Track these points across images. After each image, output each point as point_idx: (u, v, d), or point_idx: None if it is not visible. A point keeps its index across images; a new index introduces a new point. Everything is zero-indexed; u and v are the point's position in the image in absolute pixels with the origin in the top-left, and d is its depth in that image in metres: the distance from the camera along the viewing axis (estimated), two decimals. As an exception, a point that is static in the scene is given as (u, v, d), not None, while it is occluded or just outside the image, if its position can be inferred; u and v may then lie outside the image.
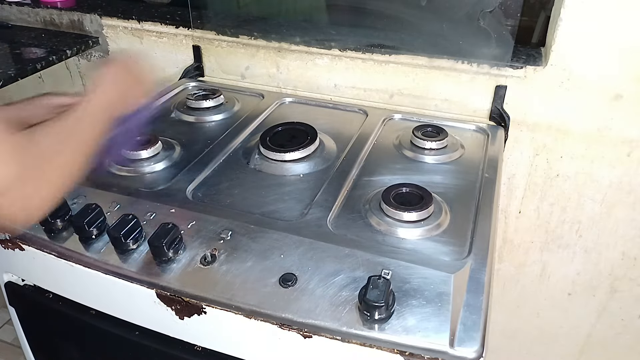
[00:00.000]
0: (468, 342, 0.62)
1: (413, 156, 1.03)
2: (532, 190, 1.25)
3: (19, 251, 0.84)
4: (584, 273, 1.33)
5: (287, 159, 0.97)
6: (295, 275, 0.71)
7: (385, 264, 0.72)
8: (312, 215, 0.83)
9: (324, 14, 1.55)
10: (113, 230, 0.75)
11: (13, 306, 0.93)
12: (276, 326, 0.68)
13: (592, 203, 1.22)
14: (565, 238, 1.29)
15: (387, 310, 0.65)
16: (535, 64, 1.10)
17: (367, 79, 1.25)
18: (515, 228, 1.33)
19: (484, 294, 0.68)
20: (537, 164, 1.21)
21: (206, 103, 1.19)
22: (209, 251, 0.75)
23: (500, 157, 1.03)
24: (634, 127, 1.09)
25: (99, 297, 0.82)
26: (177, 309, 0.74)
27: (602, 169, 1.16)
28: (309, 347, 0.67)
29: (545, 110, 1.13)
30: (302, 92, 1.32)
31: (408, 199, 0.85)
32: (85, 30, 1.49)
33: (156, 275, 0.74)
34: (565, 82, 1.09)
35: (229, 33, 1.32)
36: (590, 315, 1.39)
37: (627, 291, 1.32)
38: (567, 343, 1.47)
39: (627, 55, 1.02)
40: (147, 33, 1.41)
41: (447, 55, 1.15)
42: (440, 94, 1.20)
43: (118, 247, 0.77)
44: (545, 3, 2.21)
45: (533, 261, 1.36)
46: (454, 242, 0.79)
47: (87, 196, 0.87)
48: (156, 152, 0.99)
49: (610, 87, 1.06)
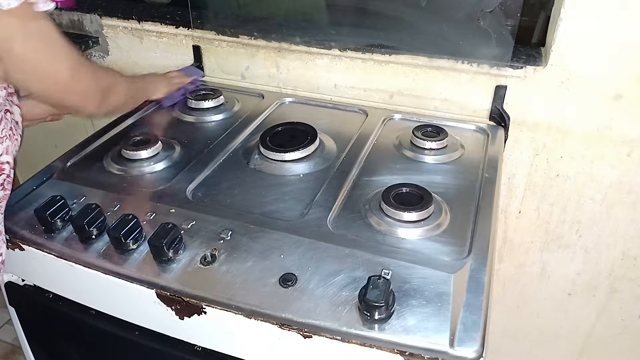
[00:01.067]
0: (468, 342, 0.62)
1: (413, 156, 1.03)
2: (532, 190, 1.25)
3: (19, 251, 0.84)
4: (584, 273, 1.33)
5: (287, 159, 0.97)
6: (295, 275, 0.71)
7: (385, 264, 0.73)
8: (312, 215, 0.83)
9: (324, 14, 1.55)
10: (113, 230, 0.76)
11: (13, 306, 0.93)
12: (276, 326, 0.68)
13: (592, 203, 1.22)
14: (565, 238, 1.29)
15: (387, 310, 0.65)
16: (535, 64, 1.10)
17: (367, 79, 1.25)
18: (515, 228, 1.33)
19: (484, 294, 0.68)
20: (537, 164, 1.21)
21: (206, 103, 1.19)
22: (209, 251, 0.75)
23: (500, 157, 1.03)
24: (634, 127, 1.09)
25: (99, 297, 0.82)
26: (177, 309, 0.74)
27: (602, 169, 1.16)
28: (309, 347, 0.67)
29: (545, 110, 1.13)
30: (302, 92, 1.32)
31: (408, 199, 0.85)
32: (85, 30, 1.49)
33: (156, 275, 0.74)
34: (565, 82, 1.08)
35: (229, 33, 1.32)
36: (590, 315, 1.39)
37: (627, 291, 1.32)
38: (567, 343, 1.47)
39: (627, 55, 1.02)
40: (147, 33, 1.41)
41: (447, 55, 1.15)
42: (440, 94, 1.20)
43: (118, 247, 0.77)
44: (545, 3, 2.20)
45: (533, 261, 1.36)
46: (454, 242, 0.79)
47: (87, 196, 0.87)
48: (156, 152, 0.99)
49: (610, 87, 1.06)
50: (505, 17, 1.09)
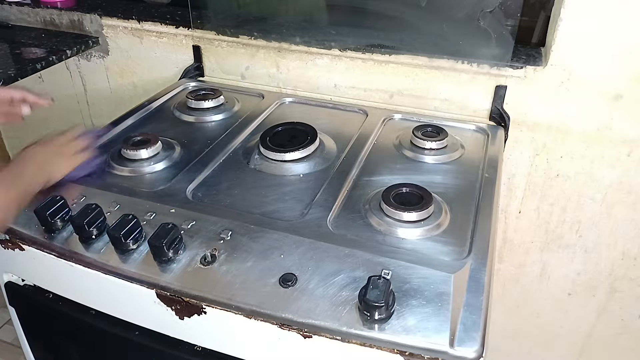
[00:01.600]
0: (468, 342, 0.62)
1: (413, 156, 1.03)
2: (532, 190, 1.25)
3: (19, 251, 0.84)
4: (584, 273, 1.33)
5: (287, 159, 0.97)
6: (295, 275, 0.71)
7: (385, 264, 0.72)
8: (312, 215, 0.83)
9: (324, 14, 1.55)
10: (113, 230, 0.75)
11: (13, 306, 0.93)
12: (276, 326, 0.68)
13: (592, 203, 1.22)
14: (565, 238, 1.29)
15: (387, 310, 0.65)
16: (535, 64, 1.10)
17: (367, 79, 1.25)
18: (515, 228, 1.33)
19: (484, 294, 0.68)
20: (537, 164, 1.21)
21: (206, 103, 1.19)
22: (209, 251, 0.75)
23: (500, 157, 1.03)
24: (634, 127, 1.09)
25: (99, 297, 0.82)
26: (177, 309, 0.73)
27: (602, 169, 1.16)
28: (309, 347, 0.67)
29: (545, 110, 1.13)
30: (302, 92, 1.32)
31: (408, 199, 0.85)
32: (85, 30, 1.49)
33: (156, 276, 0.74)
34: (565, 82, 1.09)
35: (229, 33, 1.32)
36: (590, 315, 1.39)
37: (627, 291, 1.32)
38: (567, 343, 1.47)
39: (627, 55, 1.02)
40: (147, 33, 1.41)
41: (447, 55, 1.15)
42: (440, 94, 1.20)
43: (118, 247, 0.77)
44: (545, 3, 2.21)
45: (533, 261, 1.36)
46: (454, 242, 0.79)
47: (87, 196, 0.87)
48: (156, 152, 0.99)
49: (610, 87, 1.06)
50: (505, 17, 1.09)
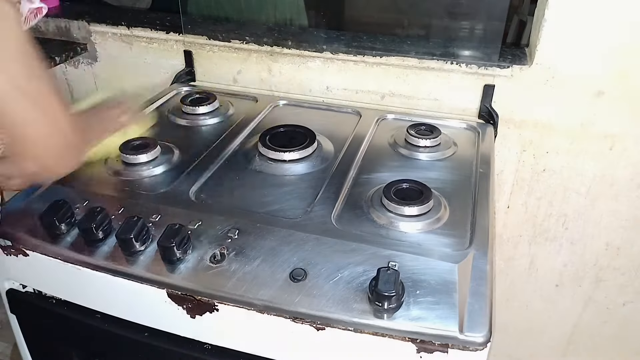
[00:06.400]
0: (476, 327, 0.65)
1: (408, 154, 1.05)
2: (519, 186, 1.30)
3: (22, 257, 0.83)
4: (570, 264, 1.38)
5: (287, 159, 0.99)
6: (304, 270, 0.73)
7: (391, 257, 0.75)
8: (316, 212, 0.85)
9: (304, 18, 1.57)
10: (121, 233, 0.76)
11: (14, 314, 0.92)
12: (289, 320, 0.69)
13: (577, 196, 1.27)
14: (552, 231, 1.34)
15: (398, 300, 0.67)
16: (521, 64, 1.14)
17: (358, 80, 1.27)
18: (504, 223, 1.37)
19: (488, 282, 0.71)
20: (524, 160, 1.25)
21: (201, 108, 1.19)
22: (218, 250, 0.76)
23: (492, 153, 1.06)
24: (615, 122, 1.14)
25: (107, 300, 0.82)
26: (188, 308, 0.74)
27: (586, 163, 1.21)
28: (322, 339, 0.69)
29: (531, 107, 1.18)
30: (295, 95, 1.33)
31: (408, 194, 0.87)
32: (73, 37, 1.47)
33: (166, 275, 0.74)
34: (550, 80, 1.13)
35: (221, 37, 1.33)
36: (577, 305, 1.44)
37: (611, 280, 1.37)
38: (556, 333, 1.52)
39: (609, 54, 1.07)
40: (137, 39, 1.41)
41: (436, 57, 1.18)
42: (431, 94, 1.24)
43: (126, 249, 0.77)
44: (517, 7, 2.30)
45: (521, 255, 1.41)
46: (455, 234, 0.81)
47: (90, 200, 0.87)
48: (155, 156, 0.99)
49: (592, 84, 1.11)
50: (492, 19, 1.13)
